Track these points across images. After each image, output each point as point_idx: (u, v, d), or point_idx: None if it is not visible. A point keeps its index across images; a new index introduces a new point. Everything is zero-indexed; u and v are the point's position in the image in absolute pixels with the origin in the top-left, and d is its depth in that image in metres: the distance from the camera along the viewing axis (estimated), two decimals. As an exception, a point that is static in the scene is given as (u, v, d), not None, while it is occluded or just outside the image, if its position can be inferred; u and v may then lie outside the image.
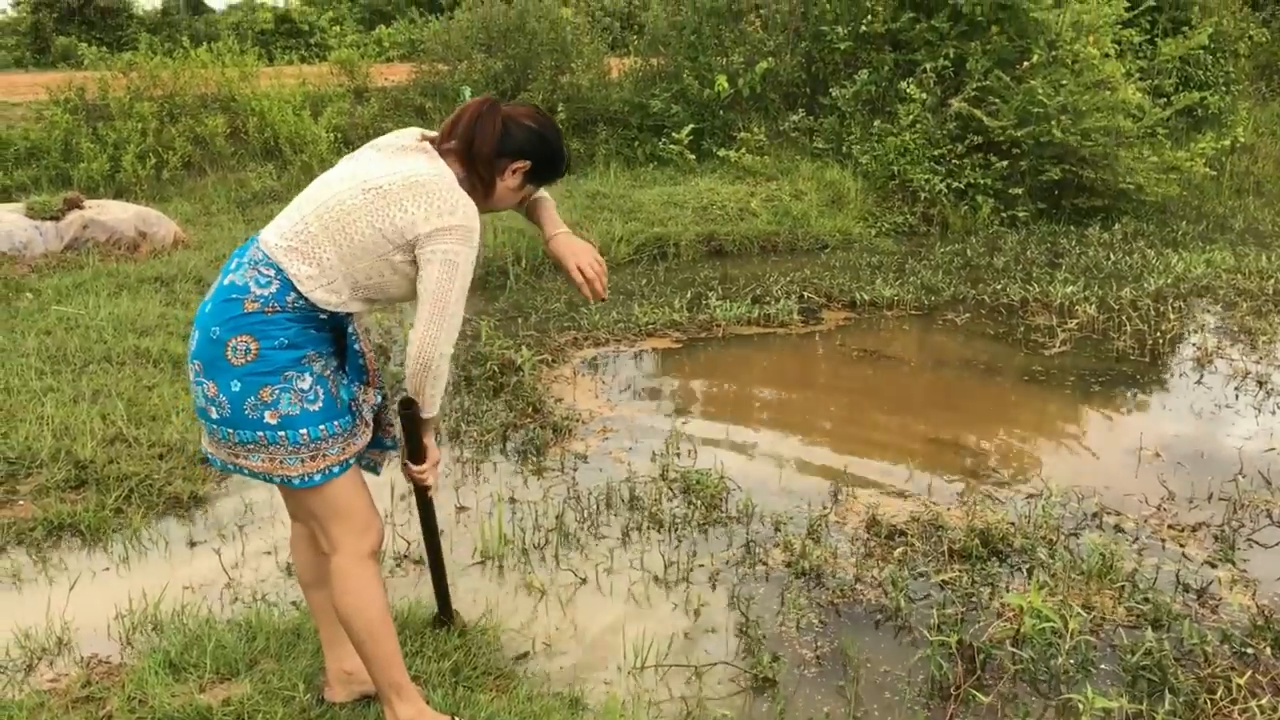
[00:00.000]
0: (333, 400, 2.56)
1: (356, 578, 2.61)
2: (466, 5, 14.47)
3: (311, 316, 2.53)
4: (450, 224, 2.48)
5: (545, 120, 2.75)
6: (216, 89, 12.69)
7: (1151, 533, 4.21)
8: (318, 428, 2.52)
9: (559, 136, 2.78)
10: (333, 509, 2.60)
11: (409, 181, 2.50)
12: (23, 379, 5.51)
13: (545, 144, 2.71)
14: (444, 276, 2.49)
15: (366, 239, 2.49)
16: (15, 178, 10.80)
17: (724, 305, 7.44)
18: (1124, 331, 6.95)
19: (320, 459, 2.53)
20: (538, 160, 2.71)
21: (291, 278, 2.49)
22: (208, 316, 2.51)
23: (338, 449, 2.56)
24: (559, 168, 2.80)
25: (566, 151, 2.82)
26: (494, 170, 2.66)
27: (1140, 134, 11.28)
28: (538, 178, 2.76)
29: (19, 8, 28.30)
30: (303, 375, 2.50)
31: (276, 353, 2.47)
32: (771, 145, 11.91)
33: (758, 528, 4.25)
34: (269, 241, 2.55)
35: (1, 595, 3.75)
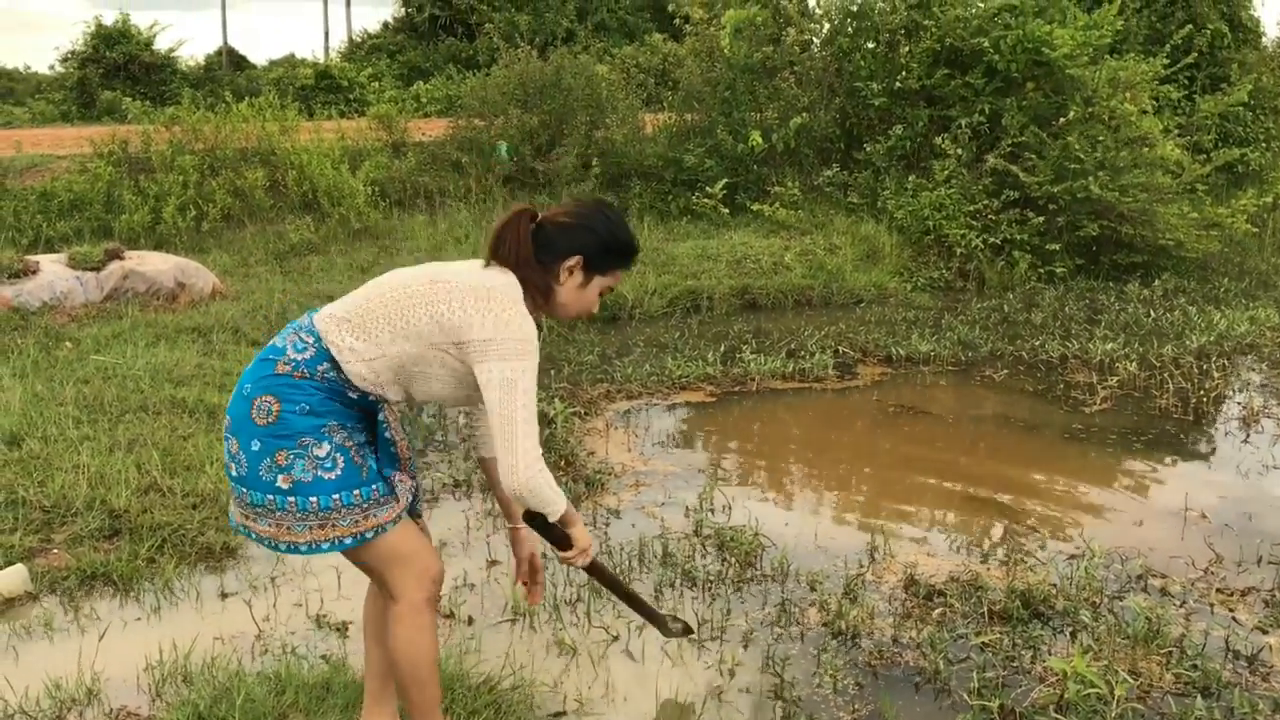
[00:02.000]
0: (355, 468, 2.55)
1: (411, 624, 2.64)
2: (503, 62, 14.66)
3: (339, 391, 2.55)
4: (502, 337, 2.48)
5: (587, 210, 2.72)
6: (257, 143, 12.88)
7: (1199, 596, 4.10)
8: (330, 496, 2.51)
9: (608, 219, 2.71)
10: (386, 561, 2.63)
11: (474, 284, 2.54)
12: (60, 428, 5.54)
13: (590, 233, 2.65)
14: (506, 399, 2.47)
15: (422, 325, 2.51)
16: (58, 228, 10.98)
17: (758, 359, 7.40)
18: (1166, 390, 6.84)
19: (330, 528, 2.53)
20: (588, 251, 2.65)
21: (331, 347, 2.52)
22: (245, 374, 2.58)
23: (349, 521, 2.54)
24: (618, 250, 2.72)
25: (623, 231, 2.73)
26: (546, 276, 2.63)
27: (1180, 190, 11.21)
28: (600, 268, 2.68)
29: (66, 64, 28.93)
30: (320, 443, 2.50)
31: (296, 417, 2.48)
32: (806, 199, 11.93)
33: (793, 586, 4.18)
34: (323, 313, 2.60)
35: (33, 644, 3.74)
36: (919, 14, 11.90)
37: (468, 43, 31.88)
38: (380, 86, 27.20)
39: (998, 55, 11.32)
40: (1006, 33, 11.33)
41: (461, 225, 11.87)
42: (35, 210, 11.17)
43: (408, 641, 2.64)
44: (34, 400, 5.99)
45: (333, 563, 4.28)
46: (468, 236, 11.47)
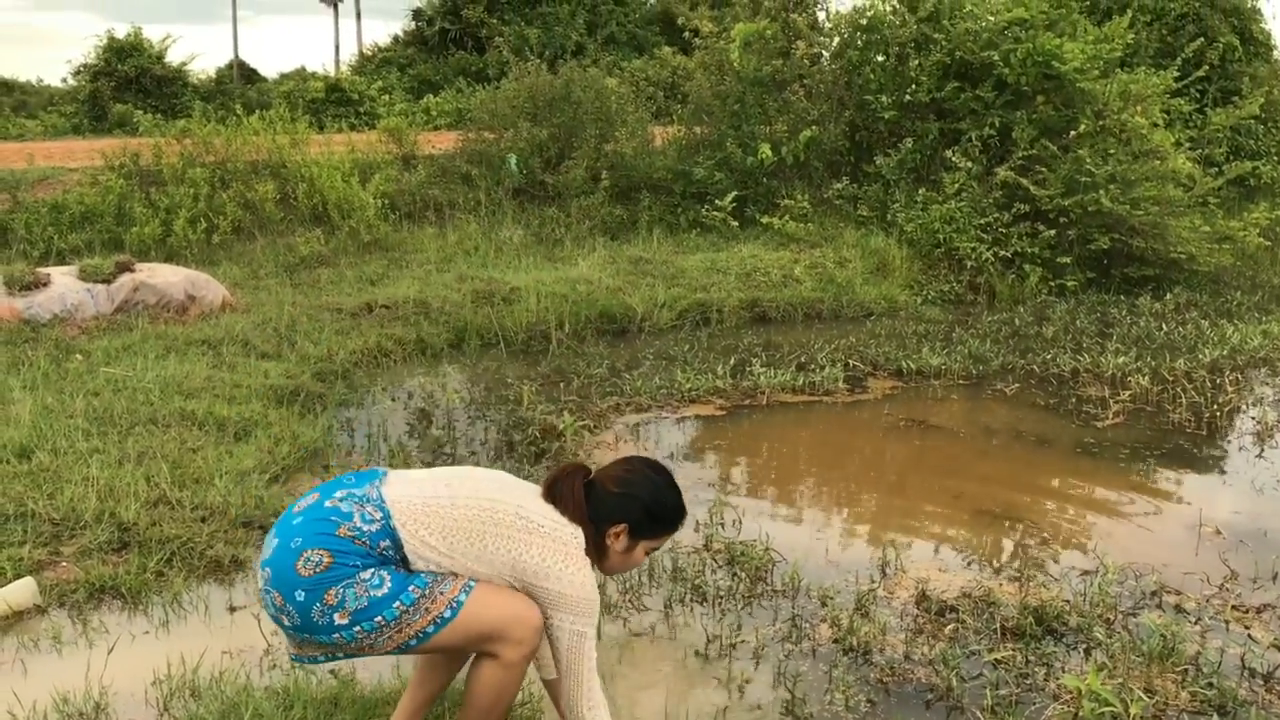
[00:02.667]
0: (400, 575, 2.58)
1: (509, 675, 2.68)
2: (513, 75, 14.68)
3: (390, 561, 2.60)
4: (578, 596, 2.64)
5: (635, 477, 2.80)
6: (267, 155, 12.90)
7: (1214, 613, 4.06)
8: (391, 607, 2.54)
9: (654, 487, 2.79)
10: (479, 635, 2.64)
11: (558, 537, 2.66)
12: (70, 440, 5.54)
13: (635, 502, 2.75)
14: (575, 652, 2.65)
15: (500, 558, 2.62)
16: (69, 241, 11.00)
17: (768, 372, 7.37)
18: (1179, 404, 6.80)
19: (407, 628, 2.57)
20: (633, 520, 2.76)
21: (402, 531, 2.58)
22: (295, 528, 2.58)
23: (420, 612, 2.57)
24: (663, 519, 2.81)
25: (668, 498, 2.81)
26: (598, 535, 2.75)
27: (1191, 203, 11.18)
28: (645, 534, 2.79)
29: (78, 77, 29.05)
30: (365, 568, 2.55)
31: (345, 569, 2.53)
32: (815, 212, 11.91)
33: (804, 602, 4.15)
34: (398, 498, 2.62)
35: (41, 658, 3.73)
36: (929, 27, 11.90)
37: (478, 56, 31.95)
38: (390, 100, 27.23)
39: (1008, 68, 11.31)
40: (1017, 46, 11.32)
41: (471, 238, 11.87)
42: (46, 223, 11.20)
43: (496, 687, 2.68)
44: (44, 412, 5.99)
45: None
46: (477, 249, 11.47)
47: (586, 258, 10.94)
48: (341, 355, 7.58)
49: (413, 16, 36.10)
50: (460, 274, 10.13)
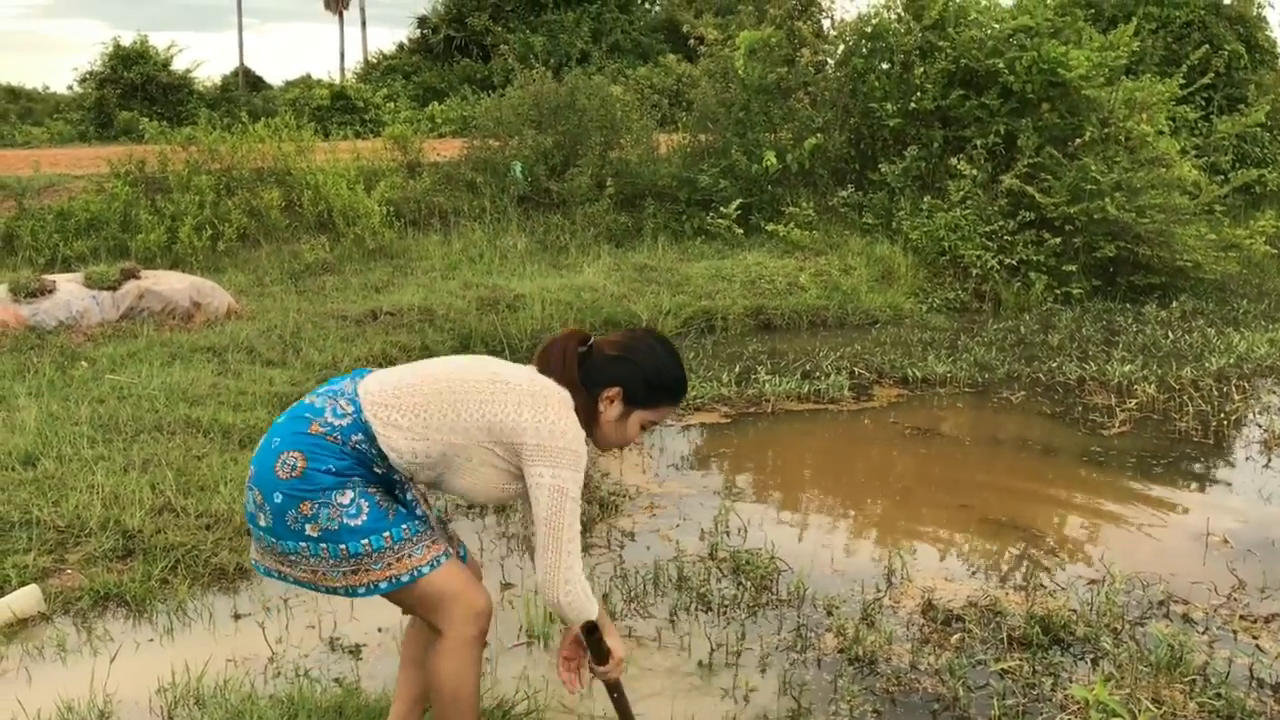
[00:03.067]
0: (381, 511, 2.53)
1: (458, 658, 2.61)
2: (518, 83, 14.72)
3: (367, 462, 2.54)
4: (556, 446, 2.49)
5: (635, 342, 2.70)
6: (273, 163, 12.93)
7: (1222, 623, 4.04)
8: (359, 542, 2.49)
9: (655, 353, 2.67)
10: (430, 604, 2.61)
11: (534, 390, 2.55)
12: (75, 447, 5.54)
13: (633, 366, 2.63)
14: (554, 505, 2.48)
15: (474, 420, 2.52)
16: (75, 248, 11.02)
17: (773, 380, 7.36)
18: (1186, 412, 6.78)
19: (363, 574, 2.52)
20: (628, 384, 2.63)
21: (373, 421, 2.52)
22: (277, 427, 2.58)
23: (381, 565, 2.52)
24: (662, 387, 2.68)
25: (670, 366, 2.68)
26: (590, 402, 2.62)
27: (1197, 211, 11.16)
28: (641, 402, 2.66)
29: (84, 84, 29.15)
30: (343, 490, 2.49)
31: (320, 475, 2.48)
32: (820, 220, 11.91)
33: (809, 611, 4.14)
34: (370, 386, 2.58)
35: (46, 665, 3.72)
36: (934, 35, 11.90)
37: (483, 64, 32.04)
38: (395, 107, 27.33)
39: (1013, 76, 11.31)
40: (1022, 54, 11.32)
41: (476, 245, 11.88)
42: (52, 229, 11.22)
43: (452, 675, 2.61)
44: (49, 419, 5.99)
45: (346, 585, 4.26)
46: (482, 256, 11.48)
47: (591, 265, 10.94)
48: (346, 362, 7.58)
49: (418, 24, 36.30)
50: (465, 281, 10.14)
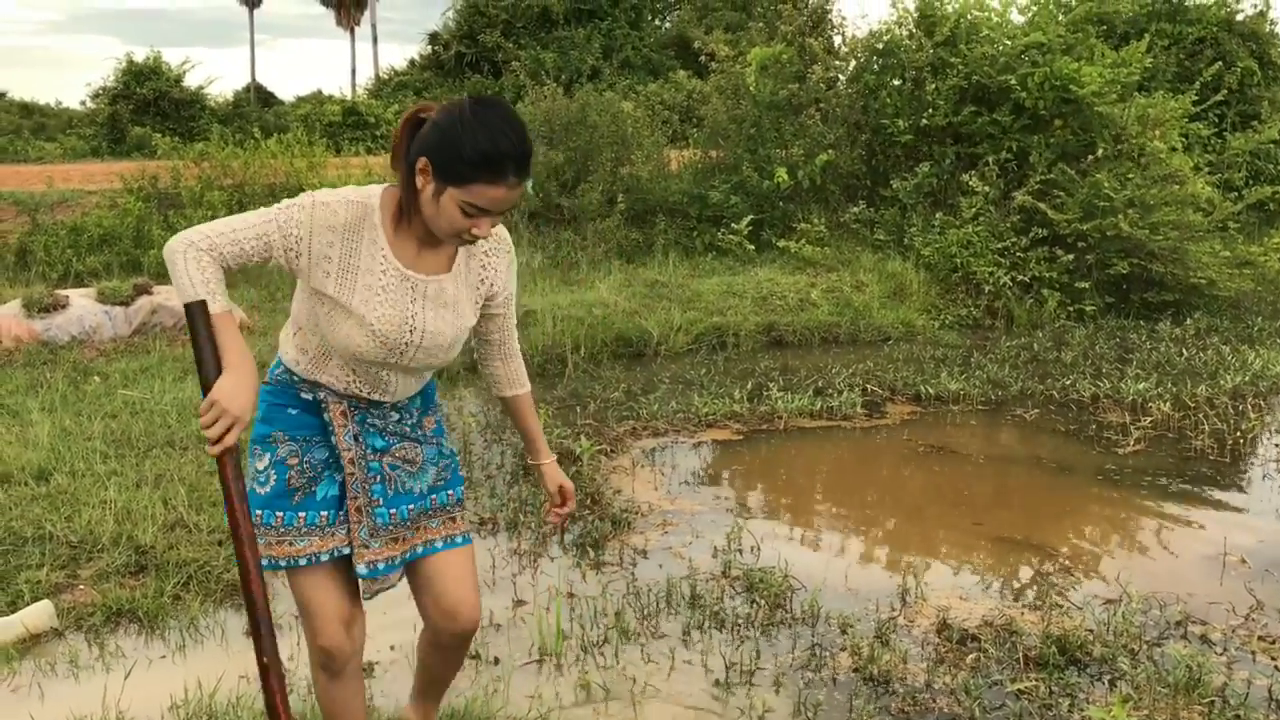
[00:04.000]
0: (287, 491, 2.43)
1: (314, 679, 2.63)
2: (529, 99, 14.76)
3: (288, 392, 2.46)
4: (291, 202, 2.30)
5: (452, 107, 2.21)
6: (285, 178, 13.00)
7: (1240, 644, 4.00)
8: (256, 511, 2.39)
9: (461, 116, 2.16)
10: (297, 601, 2.52)
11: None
12: (88, 462, 5.55)
13: (440, 136, 2.17)
14: (251, 213, 2.28)
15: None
16: (88, 263, 11.07)
17: (785, 397, 7.34)
18: (1201, 430, 6.74)
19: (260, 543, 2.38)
20: (431, 154, 2.18)
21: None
22: None
23: (264, 541, 2.39)
24: (462, 160, 2.14)
25: (476, 131, 2.14)
26: (409, 176, 2.24)
27: (1211, 228, 11.13)
28: (449, 177, 2.16)
29: (97, 100, 29.33)
30: (263, 455, 2.44)
31: (256, 424, 2.44)
32: (832, 236, 11.90)
33: (823, 629, 4.11)
34: None
35: (58, 682, 3.71)
36: (945, 51, 11.90)
37: (494, 80, 32.14)
38: (406, 121, 27.39)
39: (1025, 92, 11.31)
40: (1034, 70, 11.32)
41: (487, 261, 11.88)
42: (65, 245, 11.28)
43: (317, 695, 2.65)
44: (62, 435, 6.01)
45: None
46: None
47: (602, 281, 10.94)
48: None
49: (429, 40, 36.46)
50: (477, 297, 10.12)
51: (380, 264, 2.30)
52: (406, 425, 2.54)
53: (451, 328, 2.40)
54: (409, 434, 2.54)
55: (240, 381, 2.14)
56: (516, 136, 2.16)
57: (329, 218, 2.26)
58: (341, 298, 2.30)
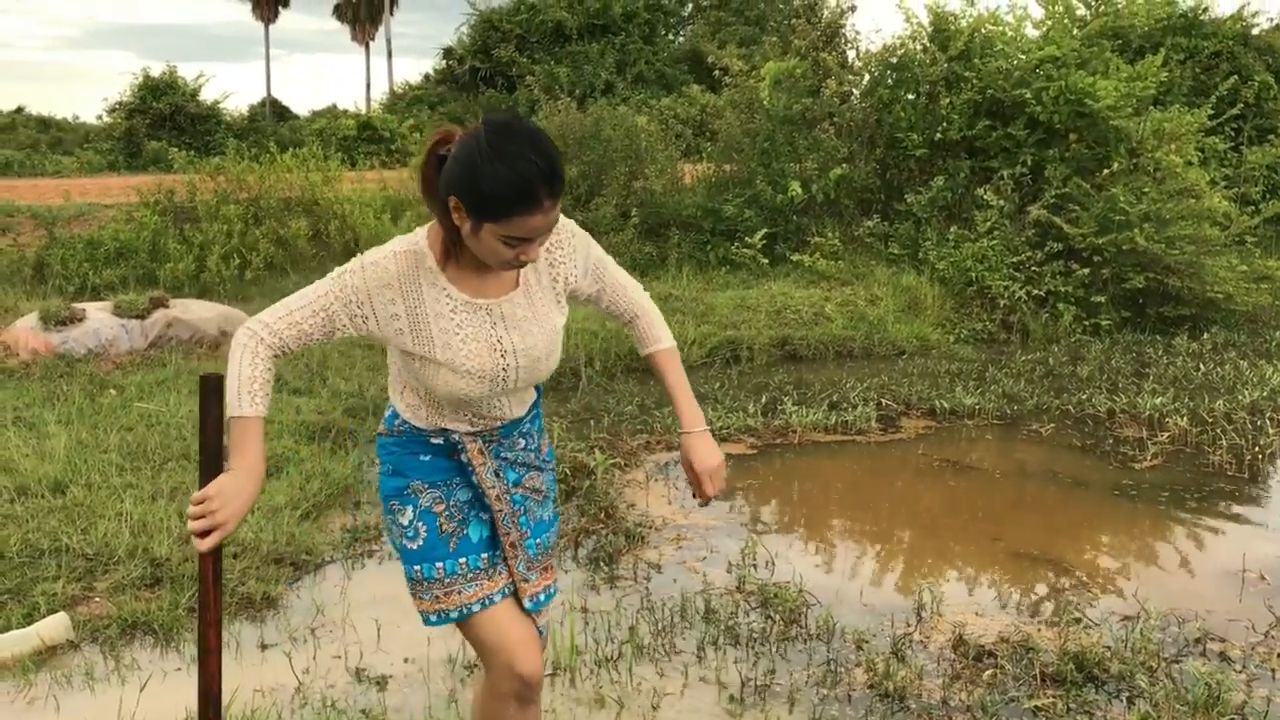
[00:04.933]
0: (441, 539, 2.37)
1: (487, 706, 2.48)
2: (543, 113, 14.80)
3: (416, 440, 2.40)
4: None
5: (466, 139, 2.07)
6: (300, 192, 13.05)
7: (1261, 661, 3.97)
8: (413, 568, 2.37)
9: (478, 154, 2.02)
10: (476, 645, 2.45)
11: None
12: (103, 475, 5.57)
13: (462, 168, 2.04)
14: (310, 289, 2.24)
15: None
16: (104, 276, 11.12)
17: (799, 411, 7.33)
18: (1219, 446, 6.69)
19: (418, 600, 2.40)
20: (462, 193, 2.06)
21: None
22: None
23: (430, 596, 2.37)
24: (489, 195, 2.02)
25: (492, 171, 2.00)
26: (444, 213, 2.14)
27: (1228, 242, 11.09)
28: (482, 215, 2.04)
29: (114, 114, 29.53)
30: (405, 508, 2.38)
31: (386, 479, 2.42)
32: (846, 250, 11.89)
33: (839, 645, 4.09)
34: None
35: (74, 694, 3.72)
36: (959, 65, 11.91)
37: (508, 94, 32.26)
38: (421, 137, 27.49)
39: (1040, 106, 11.30)
40: (1049, 84, 11.31)
41: (501, 274, 11.90)
42: (82, 258, 11.33)
43: (479, 713, 2.54)
44: (78, 447, 6.03)
45: (373, 614, 4.25)
46: (508, 285, 11.49)
47: (616, 294, 10.92)
48: (373, 391, 7.59)
49: (444, 55, 36.62)
50: (491, 310, 10.14)
51: (447, 304, 2.24)
52: (531, 452, 2.50)
53: (542, 339, 2.32)
54: (534, 462, 2.50)
55: (243, 487, 2.10)
56: (541, 158, 2.03)
57: (381, 276, 2.20)
58: (423, 350, 2.24)
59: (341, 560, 4.90)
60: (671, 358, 2.54)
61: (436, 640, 3.99)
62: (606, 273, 2.46)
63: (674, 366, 2.53)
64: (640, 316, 2.53)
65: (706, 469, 2.49)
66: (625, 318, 2.54)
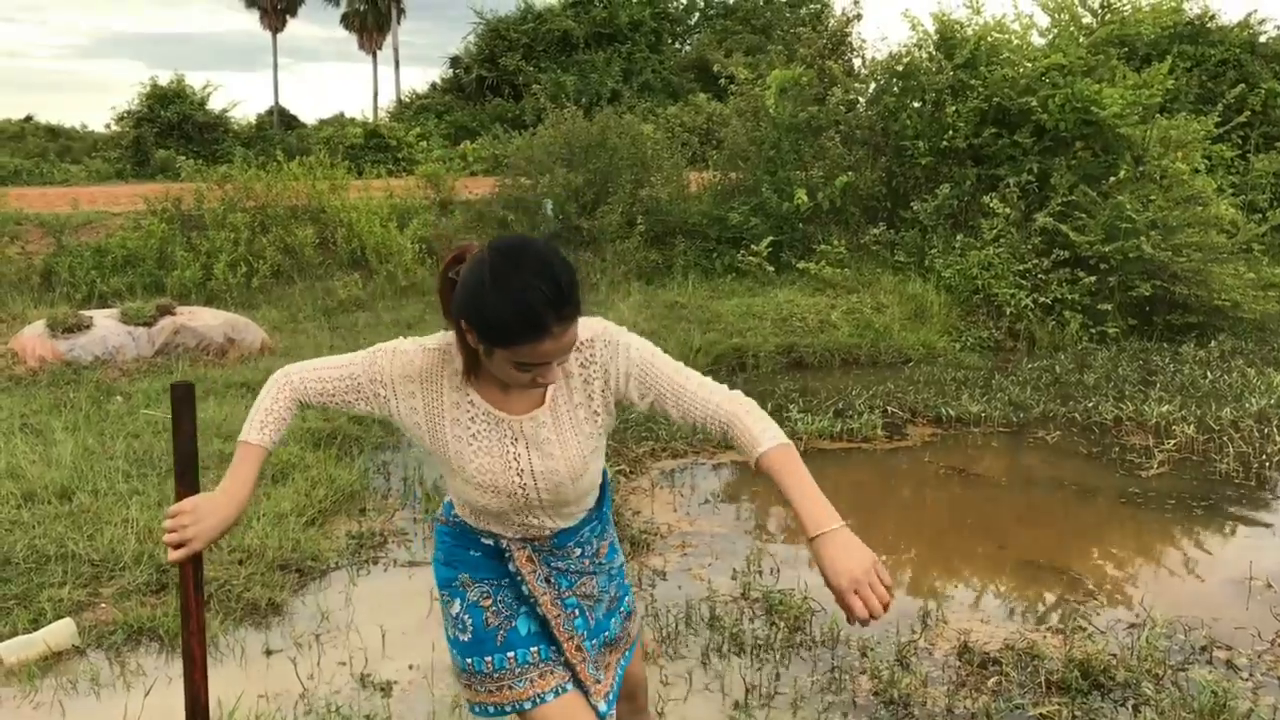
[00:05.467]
0: (488, 633, 2.28)
1: None
2: (549, 122, 14.84)
3: (468, 536, 2.33)
4: None
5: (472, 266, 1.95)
6: (307, 200, 13.09)
7: (1267, 669, 3.95)
8: (465, 660, 2.30)
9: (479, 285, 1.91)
10: None
11: None
12: (110, 481, 5.58)
13: (468, 295, 1.94)
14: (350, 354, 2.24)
15: None
16: (112, 284, 11.17)
17: (805, 418, 7.32)
18: (1226, 453, 6.67)
19: (472, 692, 2.32)
20: (470, 320, 1.96)
21: None
22: None
23: (485, 690, 2.28)
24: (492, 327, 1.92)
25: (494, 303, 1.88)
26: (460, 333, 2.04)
27: (1235, 250, 11.07)
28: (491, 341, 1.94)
29: (122, 123, 29.67)
30: (453, 600, 2.33)
31: (438, 566, 2.39)
32: (852, 258, 11.89)
33: (843, 652, 4.08)
34: None
35: (79, 699, 3.72)
36: (965, 73, 11.91)
37: (514, 103, 32.37)
38: (428, 146, 27.61)
39: (1046, 114, 11.30)
40: (1055, 92, 11.31)
41: (508, 282, 11.91)
42: (90, 266, 11.39)
43: None
44: (85, 454, 6.04)
45: (378, 621, 4.25)
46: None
47: (622, 302, 10.97)
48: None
49: (450, 64, 36.80)
50: (497, 318, 10.15)
51: (468, 411, 2.13)
52: (587, 559, 2.36)
53: (565, 464, 2.14)
54: (587, 569, 2.36)
55: (219, 509, 2.08)
56: (547, 284, 1.88)
57: (406, 366, 2.14)
58: (436, 449, 2.17)
59: (347, 567, 4.91)
60: (782, 459, 2.08)
61: (441, 647, 3.98)
62: (657, 379, 2.14)
63: (788, 469, 2.07)
64: (732, 424, 2.13)
65: (846, 579, 1.94)
66: (713, 429, 2.16)
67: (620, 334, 2.16)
